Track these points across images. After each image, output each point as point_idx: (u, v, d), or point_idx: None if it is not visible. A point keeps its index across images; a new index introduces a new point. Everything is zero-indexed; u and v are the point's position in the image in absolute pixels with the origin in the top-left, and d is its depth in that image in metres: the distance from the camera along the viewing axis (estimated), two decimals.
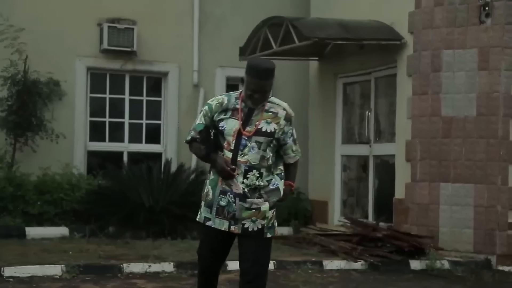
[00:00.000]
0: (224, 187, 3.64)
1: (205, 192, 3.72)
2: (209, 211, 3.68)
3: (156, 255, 6.99)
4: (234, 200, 3.63)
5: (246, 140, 3.61)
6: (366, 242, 7.46)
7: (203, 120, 3.73)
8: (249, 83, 3.59)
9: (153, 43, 9.89)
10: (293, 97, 10.65)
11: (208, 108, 3.72)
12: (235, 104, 3.67)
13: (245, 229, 3.65)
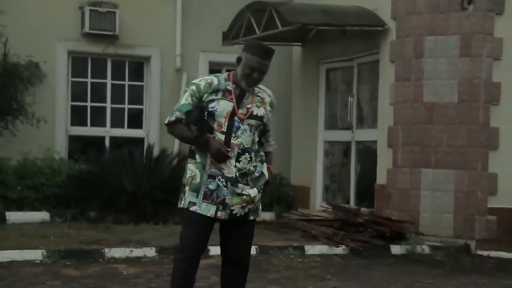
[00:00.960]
0: (213, 171, 3.48)
1: (189, 176, 3.53)
2: (195, 195, 3.50)
3: (138, 240, 6.97)
4: (226, 184, 3.48)
5: (239, 122, 3.52)
6: (347, 227, 7.51)
7: (189, 100, 3.52)
8: (249, 61, 3.49)
9: (136, 27, 9.80)
10: (276, 82, 10.65)
11: (196, 88, 3.53)
12: (226, 85, 3.54)
13: (233, 215, 3.53)
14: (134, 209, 8.28)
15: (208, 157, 3.49)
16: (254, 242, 7.01)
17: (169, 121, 3.59)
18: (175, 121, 3.56)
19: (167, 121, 3.61)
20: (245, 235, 3.63)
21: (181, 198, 3.59)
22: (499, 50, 7.60)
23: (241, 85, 3.55)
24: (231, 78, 3.58)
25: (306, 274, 5.96)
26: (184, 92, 3.64)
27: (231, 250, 3.63)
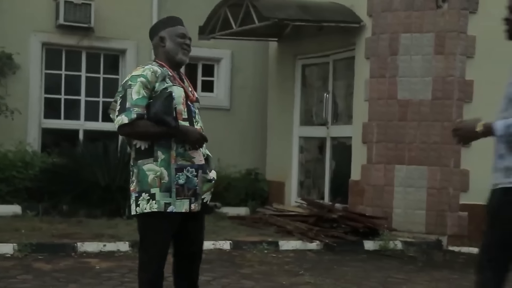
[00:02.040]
0: (181, 163, 3.27)
1: (154, 177, 3.24)
2: (169, 195, 3.25)
3: (111, 234, 6.93)
4: (196, 173, 3.30)
5: (193, 106, 3.39)
6: (321, 223, 7.55)
7: (143, 93, 3.23)
8: (175, 31, 3.37)
9: (111, 19, 9.72)
10: (252, 77, 10.66)
11: (145, 79, 3.23)
12: (167, 71, 3.34)
13: (204, 204, 3.38)
14: (108, 203, 8.22)
15: (173, 150, 3.26)
16: (229, 237, 7.07)
17: (130, 120, 3.20)
18: (137, 118, 3.21)
19: (128, 120, 3.20)
20: (202, 224, 3.47)
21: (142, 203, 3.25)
22: (472, 48, 7.68)
23: (178, 57, 3.38)
24: (163, 64, 3.38)
25: (280, 269, 5.98)
26: (128, 87, 3.25)
27: (188, 243, 3.43)
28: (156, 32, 3.42)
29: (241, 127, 10.38)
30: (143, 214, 3.26)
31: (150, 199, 3.25)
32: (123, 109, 3.24)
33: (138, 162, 3.29)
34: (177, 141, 3.28)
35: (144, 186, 3.26)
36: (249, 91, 10.59)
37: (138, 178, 3.28)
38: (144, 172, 3.26)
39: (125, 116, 3.22)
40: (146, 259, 3.31)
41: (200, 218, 3.45)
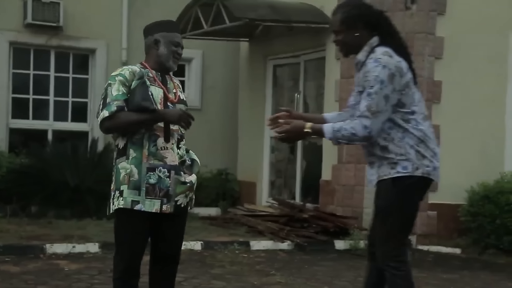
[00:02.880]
0: (153, 162, 3.28)
1: (124, 174, 3.28)
2: (137, 193, 3.26)
3: (81, 235, 6.86)
4: (169, 174, 3.30)
5: (172, 107, 3.39)
6: (292, 223, 7.57)
7: (122, 90, 3.28)
8: (171, 38, 3.39)
9: (81, 18, 9.62)
10: (223, 77, 10.66)
11: (123, 78, 3.30)
12: (147, 73, 3.38)
13: (177, 207, 3.36)
14: (77, 204, 8.14)
15: (145, 149, 3.29)
16: (200, 238, 7.06)
17: (111, 112, 3.25)
18: (117, 110, 3.25)
19: (108, 113, 3.25)
20: (180, 227, 3.46)
21: (115, 200, 3.30)
22: (441, 50, 7.79)
23: (168, 63, 3.41)
24: (147, 67, 3.42)
25: (251, 269, 5.98)
26: (108, 86, 3.31)
27: (164, 246, 3.43)
28: (152, 32, 3.44)
29: (212, 127, 10.36)
30: (115, 211, 3.32)
31: (119, 196, 3.30)
32: (104, 106, 3.29)
33: (117, 161, 3.36)
34: (150, 140, 3.30)
35: (117, 184, 3.32)
36: (220, 91, 10.58)
37: (115, 176, 3.34)
38: (119, 170, 3.32)
39: (106, 110, 3.27)
40: (118, 257, 3.35)
41: (178, 221, 3.44)
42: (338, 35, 3.41)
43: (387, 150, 3.34)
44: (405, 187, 3.36)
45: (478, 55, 7.79)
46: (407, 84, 3.34)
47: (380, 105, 3.21)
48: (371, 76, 3.23)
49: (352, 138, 3.25)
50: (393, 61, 3.27)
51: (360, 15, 3.36)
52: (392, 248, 3.38)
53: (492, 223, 7.19)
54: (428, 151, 3.39)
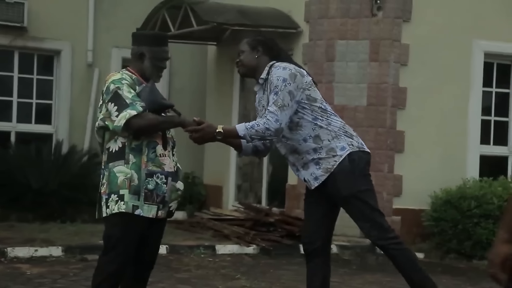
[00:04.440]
0: (151, 168, 3.31)
1: (124, 178, 3.28)
2: (137, 198, 3.29)
3: (44, 238, 6.76)
4: (166, 180, 3.35)
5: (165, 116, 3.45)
6: (258, 227, 7.58)
7: (133, 92, 3.31)
8: (158, 53, 3.42)
9: (45, 19, 9.49)
10: (190, 81, 10.62)
11: (127, 82, 3.33)
12: (137, 79, 3.41)
13: (169, 212, 3.42)
14: (40, 207, 8.02)
15: (144, 155, 3.31)
16: (166, 242, 7.01)
17: (139, 111, 3.24)
18: (143, 110, 3.26)
19: (136, 111, 3.22)
20: (160, 233, 3.51)
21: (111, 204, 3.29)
22: (406, 56, 7.89)
23: (151, 77, 3.43)
24: (135, 74, 3.43)
25: (217, 273, 5.97)
26: (117, 89, 3.29)
27: (146, 251, 3.45)
28: (139, 43, 3.44)
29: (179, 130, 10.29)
30: (111, 215, 3.30)
31: (118, 200, 3.29)
32: (124, 106, 3.26)
33: (109, 164, 3.34)
34: (149, 146, 3.34)
35: (113, 188, 3.31)
36: (187, 94, 10.54)
37: (109, 180, 3.32)
38: (115, 174, 3.31)
39: (130, 110, 3.24)
40: (107, 259, 3.31)
41: (161, 227, 3.48)
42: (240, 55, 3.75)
43: (319, 138, 3.59)
44: (361, 167, 3.64)
45: (442, 62, 7.92)
46: (309, 84, 3.62)
47: (285, 100, 3.48)
48: (274, 77, 3.53)
49: (266, 132, 3.47)
50: (291, 65, 3.60)
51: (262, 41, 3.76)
52: (381, 223, 3.74)
53: (454, 228, 7.30)
54: (352, 131, 3.76)
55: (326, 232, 3.83)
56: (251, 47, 3.74)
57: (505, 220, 2.23)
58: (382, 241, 3.70)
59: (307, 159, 3.62)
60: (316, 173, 3.61)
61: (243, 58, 3.74)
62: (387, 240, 3.70)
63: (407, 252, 3.74)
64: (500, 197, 7.09)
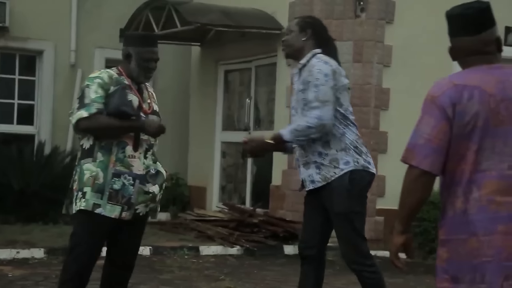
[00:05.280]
0: (119, 168, 3.29)
1: (89, 176, 3.29)
2: (100, 196, 3.28)
3: (26, 240, 6.71)
4: (133, 182, 3.31)
5: (144, 117, 3.41)
6: (242, 228, 7.58)
7: (101, 92, 3.30)
8: (143, 53, 3.41)
9: (28, 19, 9.41)
10: (174, 81, 10.59)
11: (101, 80, 3.32)
12: (124, 80, 3.40)
13: (136, 215, 3.37)
14: (22, 208, 7.95)
15: (112, 155, 3.29)
16: (149, 243, 6.99)
17: (90, 113, 3.26)
18: (97, 112, 3.27)
19: (87, 113, 3.26)
20: (137, 236, 3.50)
21: (77, 201, 3.31)
22: (389, 58, 7.93)
23: (139, 79, 3.44)
24: (123, 73, 3.43)
25: (200, 274, 5.96)
26: (85, 87, 3.34)
27: (120, 252, 3.45)
28: (127, 44, 3.45)
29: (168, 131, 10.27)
30: (76, 212, 3.32)
31: (82, 197, 3.31)
32: (82, 106, 3.29)
33: (81, 161, 3.37)
34: (118, 146, 3.31)
35: (80, 185, 3.33)
36: (171, 95, 10.51)
37: (79, 177, 3.33)
38: (83, 171, 3.33)
39: (84, 110, 3.28)
40: (71, 258, 3.30)
41: (136, 230, 3.44)
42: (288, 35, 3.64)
43: (328, 146, 3.50)
44: (359, 189, 3.54)
45: (425, 63, 7.96)
46: (344, 87, 3.56)
47: (327, 95, 3.41)
48: (315, 70, 3.45)
49: (309, 131, 3.39)
50: (333, 61, 3.54)
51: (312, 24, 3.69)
52: (362, 249, 3.63)
53: (436, 228, 7.34)
54: (363, 148, 3.62)
55: (323, 238, 3.76)
56: (300, 28, 3.66)
57: (400, 214, 2.42)
58: (356, 266, 3.62)
59: (310, 159, 3.56)
60: (314, 177, 3.57)
61: (290, 38, 3.66)
62: (363, 266, 3.61)
63: (379, 282, 3.66)
64: None
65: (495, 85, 2.30)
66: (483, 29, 2.41)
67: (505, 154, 2.28)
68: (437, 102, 2.32)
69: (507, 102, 2.28)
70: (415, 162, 2.34)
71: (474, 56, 2.40)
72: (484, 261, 2.25)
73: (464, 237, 2.30)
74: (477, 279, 2.26)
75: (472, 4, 2.46)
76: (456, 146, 2.29)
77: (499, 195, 2.26)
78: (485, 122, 2.27)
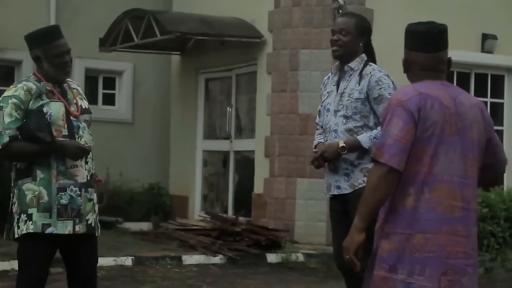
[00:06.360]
0: (62, 182, 3.14)
1: (32, 196, 3.12)
2: (48, 215, 3.10)
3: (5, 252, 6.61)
4: (80, 192, 3.16)
5: (76, 121, 3.23)
6: (225, 237, 7.56)
7: (15, 115, 3.11)
8: (53, 49, 3.19)
9: (6, 29, 9.33)
10: (155, 90, 10.57)
11: (18, 100, 3.12)
12: (44, 86, 3.20)
13: (89, 226, 3.22)
14: None
15: (53, 169, 3.14)
16: (131, 253, 6.94)
17: (3, 144, 3.09)
18: (9, 141, 3.09)
19: (0, 145, 3.09)
20: (93, 246, 3.31)
21: (21, 224, 3.12)
22: None
23: (59, 77, 3.25)
24: (42, 79, 3.23)
25: (183, 284, 5.93)
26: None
27: (79, 266, 3.27)
28: (32, 47, 3.25)
29: (144, 140, 10.24)
30: (22, 236, 3.14)
31: (27, 219, 3.12)
32: None
33: (19, 182, 3.18)
34: (58, 159, 3.15)
35: (23, 207, 3.14)
36: (151, 104, 10.48)
37: (19, 198, 3.17)
38: (23, 192, 3.15)
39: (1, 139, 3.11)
40: (24, 277, 3.18)
41: (91, 240, 3.28)
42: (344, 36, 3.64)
43: (362, 156, 3.50)
44: None
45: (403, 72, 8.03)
46: None
47: None
48: (385, 83, 3.57)
49: None
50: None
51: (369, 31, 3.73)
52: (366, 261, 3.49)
53: None
54: None
55: None
56: (359, 32, 3.64)
57: (360, 211, 2.52)
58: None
59: (341, 166, 3.53)
60: (341, 184, 3.54)
61: (347, 40, 3.62)
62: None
63: None
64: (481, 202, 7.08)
65: (449, 100, 2.55)
66: (441, 49, 2.64)
67: (454, 162, 2.51)
68: (405, 106, 2.51)
69: (457, 117, 2.54)
70: (384, 160, 2.47)
71: (427, 72, 2.63)
72: (426, 256, 2.46)
73: (410, 232, 2.48)
74: (417, 271, 2.46)
75: (435, 25, 2.69)
76: (415, 149, 2.48)
77: (447, 198, 2.49)
78: (441, 130, 2.50)
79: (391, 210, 2.53)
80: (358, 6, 7.92)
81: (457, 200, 2.50)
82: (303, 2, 8.08)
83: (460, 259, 2.49)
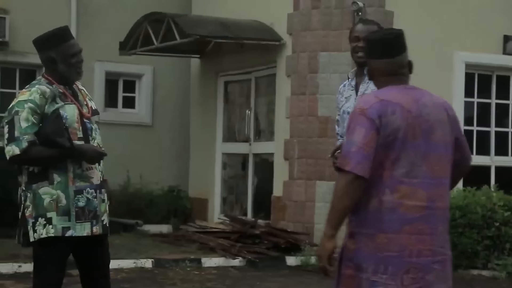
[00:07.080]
0: (79, 184, 3.16)
1: (50, 200, 3.13)
2: (67, 218, 3.13)
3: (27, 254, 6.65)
4: (95, 193, 3.20)
5: (89, 122, 3.26)
6: (244, 239, 7.57)
7: (32, 120, 3.11)
8: (68, 49, 3.25)
9: (27, 33, 9.37)
10: (174, 93, 10.61)
11: (33, 104, 3.12)
12: (57, 89, 3.22)
13: (104, 226, 3.25)
14: None
15: (70, 172, 3.16)
16: (151, 255, 6.97)
17: (22, 150, 3.08)
18: (28, 146, 3.09)
19: (20, 150, 3.08)
20: (106, 247, 3.33)
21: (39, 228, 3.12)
22: None
23: (72, 78, 3.29)
24: (53, 81, 3.25)
25: (202, 286, 5.94)
26: (15, 114, 3.12)
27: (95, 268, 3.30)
28: (45, 48, 3.28)
29: (163, 143, 10.29)
30: (39, 240, 3.14)
31: (46, 223, 3.13)
32: (12, 139, 3.12)
33: (33, 186, 3.17)
34: (74, 162, 3.17)
35: (40, 211, 3.14)
36: (171, 107, 10.53)
37: (34, 202, 3.16)
38: (40, 196, 3.15)
39: (15, 146, 3.11)
40: (41, 280, 3.19)
41: (103, 240, 3.31)
42: None
43: None
44: None
45: (424, 73, 7.95)
46: None
47: None
48: None
49: None
50: None
51: None
52: None
53: None
54: None
55: None
56: None
57: (330, 218, 2.62)
58: None
59: None
60: None
61: None
62: None
63: None
64: (483, 206, 7.13)
65: (412, 103, 2.62)
66: (398, 53, 2.73)
67: (415, 165, 2.59)
68: (367, 114, 2.58)
69: (421, 119, 2.61)
70: (349, 168, 2.54)
71: (390, 77, 2.71)
72: (388, 255, 2.55)
73: (373, 232, 2.59)
74: (381, 270, 2.55)
75: (390, 31, 2.85)
76: (379, 154, 2.57)
77: (408, 199, 2.58)
78: (404, 135, 2.58)
79: (356, 211, 2.62)
80: (378, 9, 7.90)
81: (421, 200, 2.57)
82: (322, 5, 8.06)
83: (425, 257, 2.56)
